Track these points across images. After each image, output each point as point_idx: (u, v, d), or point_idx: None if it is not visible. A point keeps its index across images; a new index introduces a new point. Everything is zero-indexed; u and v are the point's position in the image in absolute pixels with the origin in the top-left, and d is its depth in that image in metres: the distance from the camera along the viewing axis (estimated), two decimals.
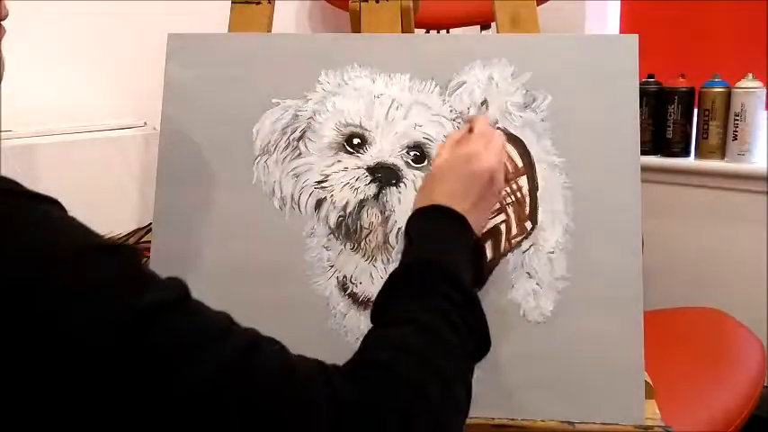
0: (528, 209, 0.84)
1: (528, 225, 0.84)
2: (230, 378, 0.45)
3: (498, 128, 0.85)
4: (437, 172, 0.73)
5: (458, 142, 0.75)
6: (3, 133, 1.05)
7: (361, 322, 0.83)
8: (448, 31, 1.74)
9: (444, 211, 0.68)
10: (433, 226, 0.68)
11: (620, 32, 2.06)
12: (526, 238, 0.84)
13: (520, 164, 0.85)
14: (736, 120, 1.78)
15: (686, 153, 1.90)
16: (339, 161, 0.85)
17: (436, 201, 0.69)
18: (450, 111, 0.86)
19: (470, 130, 0.77)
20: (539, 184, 0.84)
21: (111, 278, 0.45)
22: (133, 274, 0.46)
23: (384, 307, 0.61)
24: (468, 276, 0.65)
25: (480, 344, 0.62)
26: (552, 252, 0.83)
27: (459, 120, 0.85)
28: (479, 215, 0.71)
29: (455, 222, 0.68)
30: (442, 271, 0.62)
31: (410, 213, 0.70)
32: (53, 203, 0.48)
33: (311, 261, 0.85)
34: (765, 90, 1.77)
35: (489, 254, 0.83)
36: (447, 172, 0.72)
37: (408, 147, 0.84)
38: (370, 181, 0.83)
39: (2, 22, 0.59)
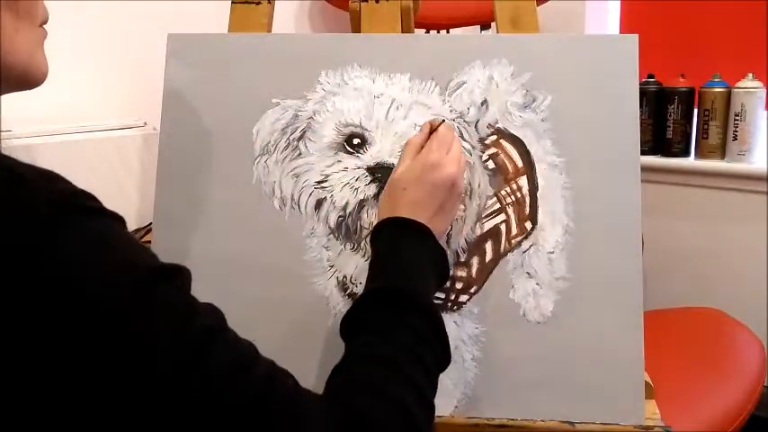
0: (528, 209, 0.84)
1: (528, 225, 0.84)
2: (259, 400, 0.51)
3: (498, 128, 0.85)
4: (399, 182, 0.75)
5: (419, 150, 0.77)
6: (3, 133, 1.05)
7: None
8: (448, 31, 1.75)
9: (409, 225, 0.71)
10: (400, 242, 0.71)
11: (620, 32, 2.06)
12: (526, 238, 0.84)
13: (520, 164, 0.85)
14: (736, 120, 1.78)
15: (686, 153, 1.90)
16: (339, 161, 0.85)
17: (400, 211, 0.72)
18: (451, 111, 0.86)
19: (431, 132, 0.78)
20: (539, 184, 0.84)
21: (169, 303, 0.50)
22: (183, 299, 0.52)
23: (356, 332, 0.64)
24: (433, 290, 0.71)
25: (442, 358, 0.65)
26: (552, 252, 0.83)
27: (460, 119, 0.86)
28: (442, 221, 0.74)
29: (419, 235, 0.71)
30: (410, 301, 0.65)
31: (375, 223, 0.73)
32: (121, 221, 0.52)
33: (311, 261, 0.85)
34: (765, 90, 1.77)
35: (489, 254, 0.83)
36: (409, 182, 0.74)
37: None
38: (370, 181, 0.83)
39: (44, 26, 0.61)
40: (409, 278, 0.67)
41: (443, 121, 0.79)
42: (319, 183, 0.85)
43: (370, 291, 0.67)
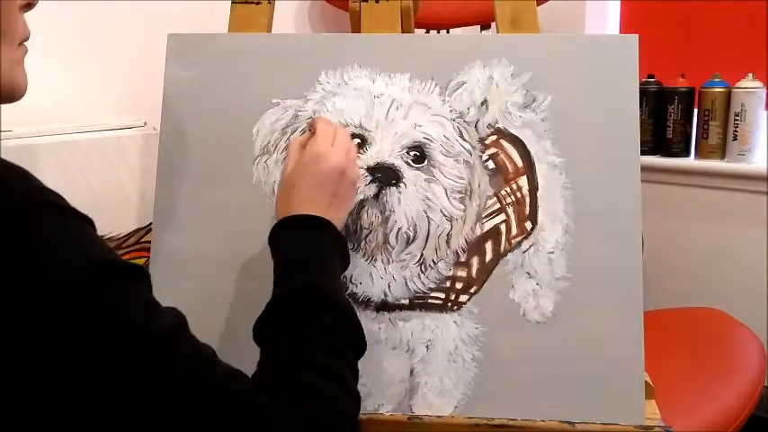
0: (528, 209, 0.84)
1: (528, 225, 0.84)
2: (220, 399, 0.53)
3: (498, 128, 0.85)
4: (288, 180, 0.76)
5: (303, 146, 0.77)
6: (3, 133, 1.05)
7: (360, 321, 0.83)
8: (448, 31, 1.74)
9: (304, 220, 0.72)
10: (299, 239, 0.72)
11: (620, 32, 2.05)
12: (526, 238, 0.84)
13: (520, 164, 0.85)
14: (736, 120, 1.78)
15: (686, 153, 1.89)
16: None
17: (294, 209, 0.72)
18: (450, 111, 0.86)
19: (312, 132, 0.78)
20: (539, 184, 0.84)
21: (136, 301, 0.52)
22: (148, 299, 0.54)
23: (274, 336, 0.65)
24: (339, 278, 0.72)
25: (359, 347, 0.67)
26: (552, 252, 0.83)
27: (460, 119, 0.86)
28: (338, 210, 0.75)
29: (317, 228, 0.72)
30: (321, 298, 0.67)
31: (274, 223, 0.73)
32: (90, 222, 0.53)
33: None
34: (765, 90, 1.77)
35: (489, 254, 0.83)
36: (298, 178, 0.75)
37: (408, 147, 0.84)
38: (370, 181, 0.83)
39: (24, 44, 0.62)
40: (315, 274, 0.69)
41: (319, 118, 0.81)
42: None
43: (281, 293, 0.68)
